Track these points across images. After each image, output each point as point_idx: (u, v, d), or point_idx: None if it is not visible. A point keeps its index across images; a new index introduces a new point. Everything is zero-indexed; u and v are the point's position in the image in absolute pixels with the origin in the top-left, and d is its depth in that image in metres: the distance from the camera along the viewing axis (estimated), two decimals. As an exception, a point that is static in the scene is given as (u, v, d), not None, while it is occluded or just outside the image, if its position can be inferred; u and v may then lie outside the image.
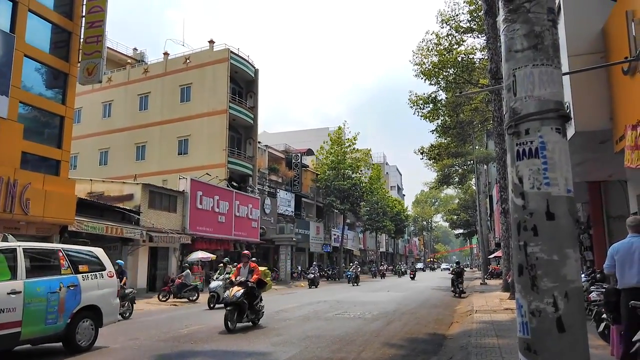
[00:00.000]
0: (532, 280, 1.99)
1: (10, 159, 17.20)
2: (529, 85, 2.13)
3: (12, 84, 17.74)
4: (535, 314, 1.97)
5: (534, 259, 2.00)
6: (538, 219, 2.02)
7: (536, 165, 2.06)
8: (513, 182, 2.16)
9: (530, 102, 2.13)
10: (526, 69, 2.16)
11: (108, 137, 37.47)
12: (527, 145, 2.10)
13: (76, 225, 19.16)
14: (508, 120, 2.21)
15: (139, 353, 8.37)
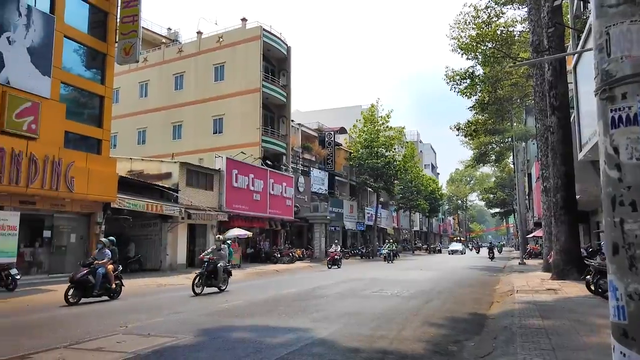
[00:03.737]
0: (630, 260, 1.80)
1: (54, 138, 17.71)
2: (626, 44, 1.90)
3: (54, 65, 18.15)
4: (633, 297, 1.79)
5: (633, 237, 1.81)
6: (637, 193, 1.82)
7: (635, 133, 1.85)
8: (606, 152, 1.95)
9: (627, 63, 1.90)
10: (622, 26, 1.92)
11: (145, 116, 38.15)
12: (624, 112, 1.89)
13: (118, 202, 19.69)
14: (600, 84, 1.99)
15: (183, 327, 8.54)
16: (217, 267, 14.11)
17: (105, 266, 12.46)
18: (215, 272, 14.09)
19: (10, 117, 16.20)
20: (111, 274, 12.63)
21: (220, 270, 14.23)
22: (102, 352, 6.70)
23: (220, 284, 14.39)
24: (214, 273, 14.09)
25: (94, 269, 12.23)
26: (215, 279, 14.14)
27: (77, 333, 8.00)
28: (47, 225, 18.39)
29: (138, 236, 24.38)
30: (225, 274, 14.89)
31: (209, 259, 14.19)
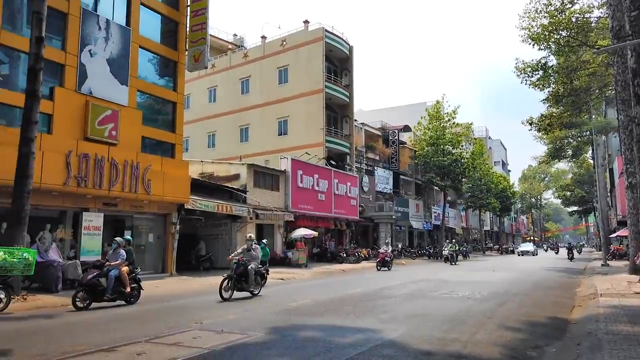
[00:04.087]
0: None
1: (132, 143, 18.82)
2: None
3: (130, 74, 19.28)
4: None
5: None
6: None
7: None
8: None
9: None
10: None
11: (214, 120, 39.61)
12: None
13: (191, 203, 20.57)
14: None
15: (255, 324, 8.74)
16: (248, 269, 12.83)
17: (119, 268, 11.51)
18: (245, 274, 12.82)
19: (93, 124, 17.39)
20: (125, 277, 11.61)
21: (252, 272, 12.91)
22: (180, 346, 6.99)
23: (251, 287, 13.08)
24: (245, 276, 12.83)
25: (106, 271, 11.31)
26: (246, 282, 12.88)
27: (157, 328, 8.41)
28: (128, 226, 19.57)
29: (209, 236, 25.35)
30: (258, 276, 13.60)
31: (238, 260, 13.04)
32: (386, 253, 25.46)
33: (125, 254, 11.93)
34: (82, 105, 17.22)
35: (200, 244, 24.42)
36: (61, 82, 16.90)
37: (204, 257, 23.87)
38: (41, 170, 14.56)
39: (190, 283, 17.70)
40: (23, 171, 12.51)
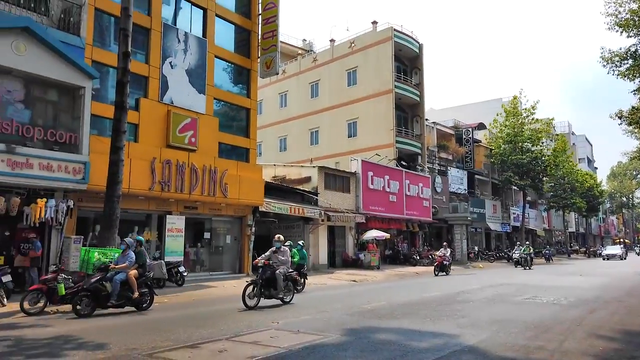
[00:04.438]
0: None
1: (210, 149, 19.70)
2: None
3: (207, 83, 20.19)
4: None
5: None
6: None
7: None
8: None
9: None
10: None
11: (285, 125, 40.47)
12: None
13: (265, 206, 21.16)
14: None
15: (330, 325, 8.79)
16: (276, 274, 11.51)
17: (126, 272, 10.64)
18: (273, 280, 11.53)
19: (174, 132, 18.41)
20: (133, 282, 10.63)
21: (280, 277, 11.54)
22: (258, 345, 7.19)
23: (281, 294, 11.72)
24: (272, 281, 11.54)
25: (111, 275, 10.49)
26: (274, 288, 11.55)
27: (236, 327, 8.72)
28: (207, 228, 20.49)
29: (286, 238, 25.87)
30: (290, 282, 12.20)
31: (263, 263, 11.71)
32: (444, 257, 23.77)
33: (135, 256, 11.10)
34: (164, 115, 18.29)
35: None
36: (145, 93, 18.06)
37: None
38: (129, 177, 15.62)
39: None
40: (114, 177, 13.50)
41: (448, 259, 24.04)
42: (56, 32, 14.60)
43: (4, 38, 12.92)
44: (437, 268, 23.41)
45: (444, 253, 24.03)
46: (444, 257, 23.71)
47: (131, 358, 6.31)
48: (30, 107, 14.02)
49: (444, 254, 23.91)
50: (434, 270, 23.40)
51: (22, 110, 13.76)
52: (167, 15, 19.33)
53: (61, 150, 14.03)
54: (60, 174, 13.78)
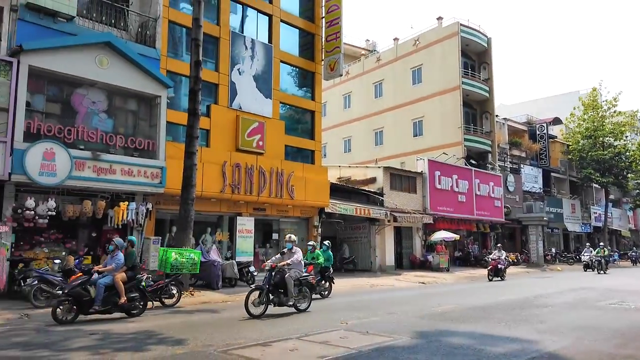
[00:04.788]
0: None
1: (276, 152, 20.14)
2: None
3: (273, 88, 20.66)
4: None
5: None
6: None
7: None
8: None
9: None
10: None
11: (349, 126, 40.51)
12: None
13: (331, 207, 21.31)
14: None
15: (399, 327, 8.68)
16: (286, 278, 10.19)
17: (112, 275, 9.70)
18: (283, 285, 10.21)
19: (243, 136, 19.00)
20: (120, 286, 9.64)
21: (290, 282, 10.20)
22: (328, 345, 7.24)
23: (291, 301, 10.30)
24: (282, 287, 10.24)
25: (96, 279, 9.50)
26: (284, 294, 10.23)
27: (306, 326, 8.83)
28: (275, 229, 20.96)
29: (349, 238, 25.96)
30: (305, 287, 10.85)
31: (270, 266, 10.30)
32: (498, 260, 21.09)
33: (124, 258, 10.11)
34: (233, 120, 18.93)
35: (344, 247, 25.12)
36: (216, 99, 18.79)
37: (347, 259, 24.43)
38: (202, 180, 16.31)
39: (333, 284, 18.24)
40: (188, 181, 14.18)
41: (503, 262, 21.37)
42: (134, 45, 15.56)
43: (89, 53, 13.97)
44: (490, 273, 20.97)
45: (498, 256, 21.47)
46: (498, 260, 21.15)
47: (207, 354, 6.57)
48: (112, 117, 15.04)
49: (498, 257, 21.37)
50: (488, 275, 21.08)
51: (106, 120, 14.79)
52: (235, 24, 20.00)
53: (140, 156, 14.93)
54: (140, 179, 14.66)
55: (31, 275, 11.43)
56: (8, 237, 12.50)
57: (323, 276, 13.88)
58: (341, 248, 25.12)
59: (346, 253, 24.87)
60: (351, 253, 25.04)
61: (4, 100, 12.28)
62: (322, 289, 13.71)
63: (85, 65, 13.86)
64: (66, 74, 13.65)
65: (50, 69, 13.31)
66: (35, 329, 8.54)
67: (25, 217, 12.66)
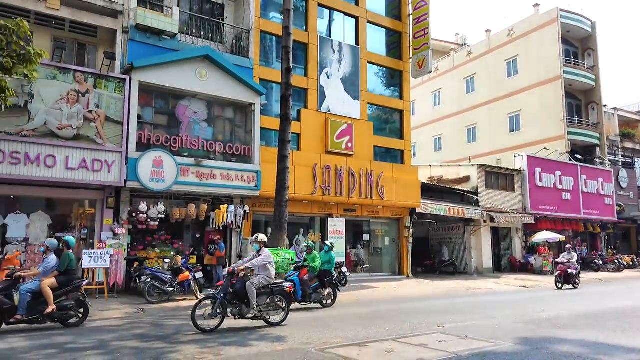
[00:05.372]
0: None
1: (365, 153, 20.18)
2: None
3: (361, 89, 20.72)
4: None
5: None
6: None
7: None
8: None
9: None
10: None
11: (440, 123, 39.39)
12: None
13: (422, 207, 20.88)
14: None
15: (500, 332, 8.29)
16: (247, 285, 8.53)
17: (40, 280, 8.54)
18: (244, 293, 8.56)
19: (332, 139, 19.27)
20: (47, 292, 8.42)
21: (252, 290, 8.52)
22: (425, 348, 7.11)
23: (254, 312, 8.61)
24: (244, 296, 8.57)
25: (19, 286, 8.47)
26: (247, 305, 8.53)
27: (401, 328, 8.75)
28: (365, 230, 20.99)
29: (443, 240, 25.24)
30: (276, 296, 9.01)
31: (228, 271, 8.89)
32: (568, 264, 17.84)
33: (57, 260, 8.87)
34: (322, 123, 19.28)
35: (443, 249, 24.43)
36: (305, 104, 19.27)
37: (447, 261, 23.70)
38: (294, 183, 16.79)
39: (427, 286, 17.88)
40: (281, 184, 14.64)
41: (576, 267, 17.98)
42: (230, 57, 16.45)
43: (190, 67, 15.03)
44: (559, 279, 17.70)
45: (568, 259, 18.14)
46: (568, 264, 17.84)
47: (305, 352, 6.77)
48: (212, 125, 16.02)
49: (568, 260, 18.07)
50: (555, 282, 17.79)
51: (206, 128, 15.80)
52: (322, 28, 20.37)
53: (237, 161, 15.76)
54: (237, 183, 15.48)
55: (145, 273, 12.51)
56: (125, 238, 13.81)
57: (322, 282, 11.97)
58: (440, 250, 24.45)
59: (445, 255, 24.11)
60: (451, 255, 24.22)
61: (119, 114, 13.59)
62: (323, 298, 11.89)
63: (187, 78, 14.94)
64: (171, 87, 14.82)
65: (157, 84, 14.53)
66: (150, 323, 9.35)
67: (138, 220, 13.90)
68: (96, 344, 7.32)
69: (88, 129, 13.01)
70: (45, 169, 12.24)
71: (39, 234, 12.91)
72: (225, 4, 17.91)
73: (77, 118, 12.84)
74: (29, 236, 12.81)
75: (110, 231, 13.44)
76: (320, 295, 11.88)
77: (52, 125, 12.48)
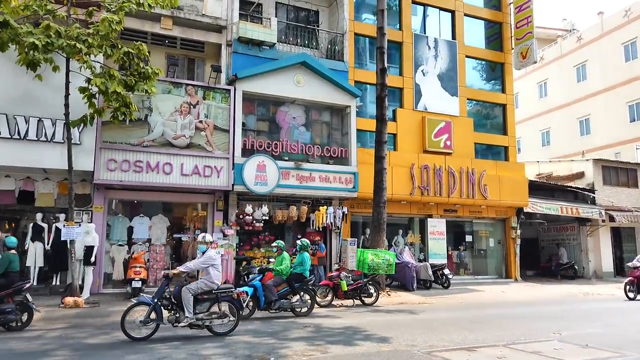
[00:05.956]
0: None
1: (465, 150, 19.44)
2: None
3: (459, 85, 20.01)
4: None
5: None
6: None
7: None
8: None
9: None
10: None
11: (547, 116, 36.70)
12: None
13: (530, 207, 19.63)
14: None
15: (626, 342, 7.56)
16: (182, 290, 7.83)
17: None
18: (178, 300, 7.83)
19: (429, 137, 18.83)
20: None
21: (187, 296, 7.77)
22: (540, 356, 6.70)
23: (187, 320, 7.72)
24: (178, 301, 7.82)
25: None
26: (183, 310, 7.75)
27: (512, 333, 8.32)
28: (468, 231, 20.19)
29: (554, 241, 23.48)
30: (224, 303, 8.17)
31: (162, 274, 8.40)
32: None
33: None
34: (419, 122, 18.93)
35: (561, 251, 22.58)
36: (401, 103, 19.04)
37: (565, 264, 21.94)
38: (391, 183, 16.67)
39: (539, 290, 16.78)
40: (379, 185, 14.69)
41: None
42: (325, 61, 16.78)
43: (288, 74, 15.59)
44: (630, 287, 14.28)
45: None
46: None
47: (411, 354, 6.70)
48: (309, 129, 16.46)
49: None
50: (625, 290, 14.37)
51: (304, 133, 16.27)
52: (416, 25, 20.01)
53: (335, 163, 16.01)
54: (335, 185, 15.74)
55: (253, 272, 13.16)
56: (234, 239, 14.67)
57: (291, 286, 10.25)
58: (556, 252, 22.72)
59: (564, 258, 22.24)
60: (569, 258, 22.41)
61: (226, 123, 14.49)
62: (295, 305, 10.25)
63: (285, 85, 15.52)
64: (271, 94, 15.49)
65: (258, 92, 15.27)
66: (259, 319, 9.84)
67: (245, 222, 14.69)
68: (212, 336, 7.87)
69: (199, 137, 14.05)
70: (164, 176, 13.42)
71: (160, 235, 14.17)
72: (320, 10, 18.31)
73: (189, 128, 13.92)
74: (151, 237, 14.11)
75: (221, 232, 14.35)
76: (290, 302, 10.20)
77: (168, 136, 13.65)
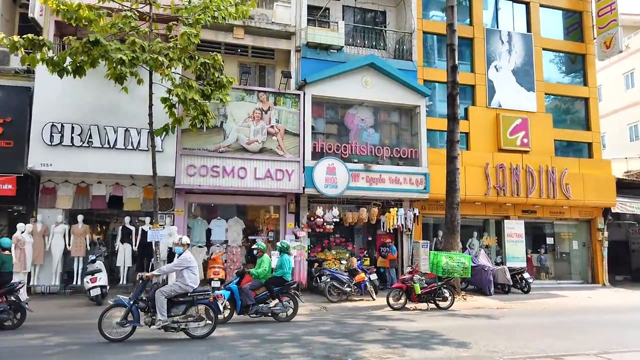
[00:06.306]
0: None
1: (544, 148, 18.43)
2: None
3: (536, 79, 19.03)
4: None
5: None
6: None
7: None
8: None
9: None
10: None
11: (634, 109, 33.88)
12: None
13: (619, 207, 18.25)
14: None
15: None
16: (156, 293, 7.77)
17: None
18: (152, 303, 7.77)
19: (505, 135, 18.05)
20: None
21: (160, 299, 7.68)
22: (638, 367, 6.22)
23: (161, 322, 7.64)
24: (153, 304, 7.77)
25: None
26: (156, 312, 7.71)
27: (603, 342, 7.79)
28: (548, 232, 19.10)
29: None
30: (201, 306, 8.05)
31: (138, 276, 8.45)
32: None
33: None
34: (493, 119, 18.21)
35: None
36: (473, 101, 18.42)
37: None
38: (465, 184, 16.14)
39: (631, 297, 15.56)
40: (451, 186, 14.30)
41: None
42: (393, 62, 16.61)
43: (356, 76, 15.61)
44: None
45: None
46: None
47: (493, 360, 6.46)
48: (378, 131, 16.35)
49: None
50: None
51: (373, 134, 16.19)
52: (487, 20, 19.29)
53: (405, 164, 15.80)
54: (405, 186, 15.52)
55: (325, 273, 13.30)
56: (305, 241, 14.90)
57: (270, 290, 9.65)
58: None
59: None
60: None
61: (296, 127, 14.76)
62: (276, 310, 9.65)
63: (354, 87, 15.55)
64: (339, 97, 15.58)
65: (327, 96, 15.40)
66: (333, 321, 9.91)
67: (316, 224, 14.85)
68: (290, 337, 8.04)
69: (271, 142, 14.42)
70: (239, 180, 13.91)
71: (236, 237, 14.67)
72: (387, 11, 18.17)
73: (261, 133, 14.33)
74: (227, 239, 14.65)
75: (293, 234, 14.63)
76: (269, 307, 9.64)
77: (242, 141, 14.13)
